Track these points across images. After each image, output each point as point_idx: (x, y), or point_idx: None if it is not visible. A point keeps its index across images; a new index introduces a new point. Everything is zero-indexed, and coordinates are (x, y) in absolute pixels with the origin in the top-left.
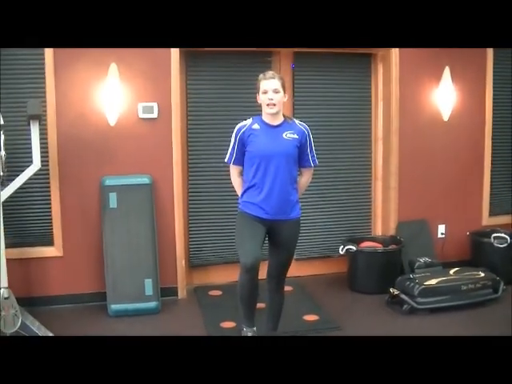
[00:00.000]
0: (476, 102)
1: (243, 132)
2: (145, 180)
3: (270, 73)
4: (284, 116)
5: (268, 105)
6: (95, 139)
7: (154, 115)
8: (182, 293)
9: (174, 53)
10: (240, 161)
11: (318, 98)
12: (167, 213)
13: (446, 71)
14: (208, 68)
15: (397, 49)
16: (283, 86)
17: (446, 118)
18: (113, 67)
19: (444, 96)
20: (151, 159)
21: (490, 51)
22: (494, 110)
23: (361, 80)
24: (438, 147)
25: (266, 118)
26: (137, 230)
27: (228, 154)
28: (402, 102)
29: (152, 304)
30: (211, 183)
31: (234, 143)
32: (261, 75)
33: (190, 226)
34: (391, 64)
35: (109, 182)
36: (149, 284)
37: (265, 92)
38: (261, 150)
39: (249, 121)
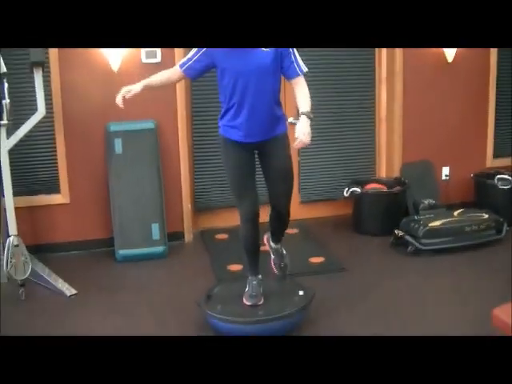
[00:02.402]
0: None
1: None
2: (149, 125)
3: None
4: None
5: None
6: (99, 85)
7: (158, 60)
8: (188, 237)
9: None
10: (191, 72)
11: None
12: (172, 157)
13: None
14: None
15: None
16: None
17: (450, 59)
18: None
19: None
20: (155, 104)
21: None
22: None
23: None
24: (442, 88)
25: None
26: (143, 175)
27: (184, 59)
28: None
29: (159, 248)
30: (216, 126)
31: (198, 51)
32: None
33: (196, 169)
34: None
35: (114, 127)
36: (156, 228)
37: None
38: (237, 65)
39: None
